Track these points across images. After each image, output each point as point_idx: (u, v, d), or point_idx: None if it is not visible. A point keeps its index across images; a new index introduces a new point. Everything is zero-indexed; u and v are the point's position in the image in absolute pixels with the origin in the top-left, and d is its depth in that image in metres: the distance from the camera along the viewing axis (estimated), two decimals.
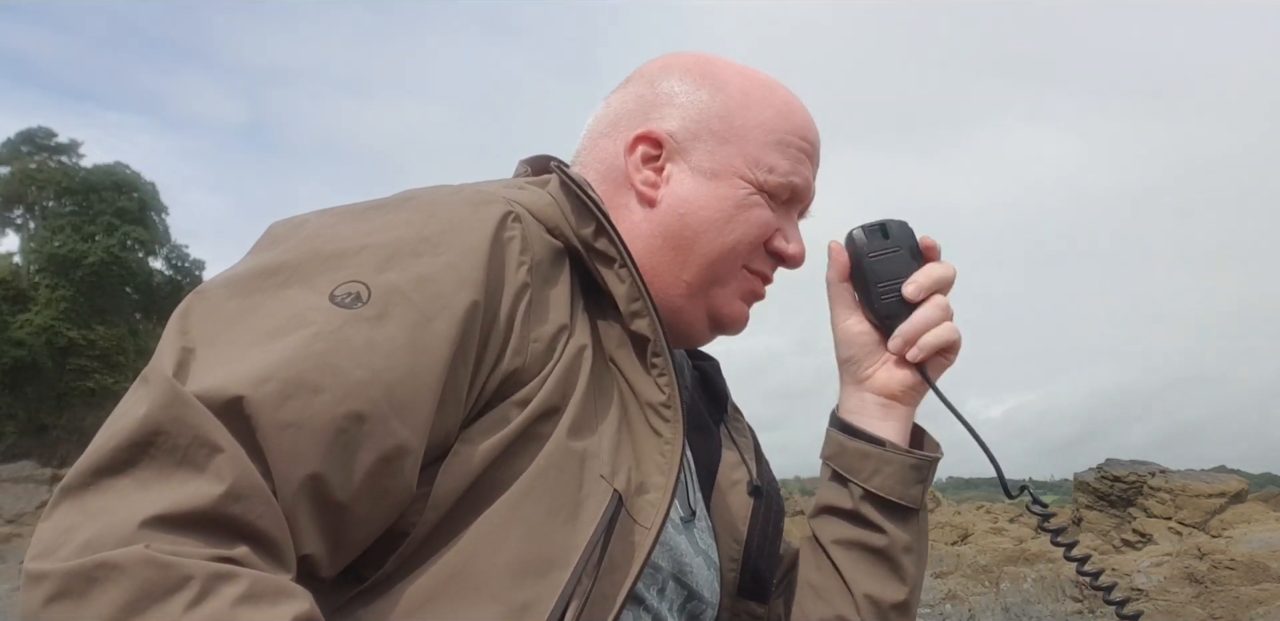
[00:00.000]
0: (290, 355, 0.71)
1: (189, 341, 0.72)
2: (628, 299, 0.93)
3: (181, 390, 0.67)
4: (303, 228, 0.84)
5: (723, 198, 1.03)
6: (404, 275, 0.79)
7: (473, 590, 0.75)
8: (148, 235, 41.51)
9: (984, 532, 16.11)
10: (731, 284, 1.05)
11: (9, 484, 17.69)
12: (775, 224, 1.05)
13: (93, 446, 0.67)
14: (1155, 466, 15.98)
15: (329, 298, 0.76)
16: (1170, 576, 11.70)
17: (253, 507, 0.66)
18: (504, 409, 0.82)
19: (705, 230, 1.02)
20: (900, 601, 1.07)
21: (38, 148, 42.28)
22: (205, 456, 0.66)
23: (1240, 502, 14.96)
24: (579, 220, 0.93)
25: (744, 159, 1.04)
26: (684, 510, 1.01)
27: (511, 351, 0.82)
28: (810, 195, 1.10)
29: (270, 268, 0.79)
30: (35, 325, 35.87)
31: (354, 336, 0.74)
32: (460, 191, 0.90)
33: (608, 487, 0.83)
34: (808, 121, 1.09)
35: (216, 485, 0.65)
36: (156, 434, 0.66)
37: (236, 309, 0.75)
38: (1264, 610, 10.63)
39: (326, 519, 0.72)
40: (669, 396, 0.93)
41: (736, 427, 1.21)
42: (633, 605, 0.89)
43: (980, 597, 12.50)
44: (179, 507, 0.64)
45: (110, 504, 0.64)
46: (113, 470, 0.66)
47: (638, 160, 1.05)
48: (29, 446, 32.71)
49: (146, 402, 0.67)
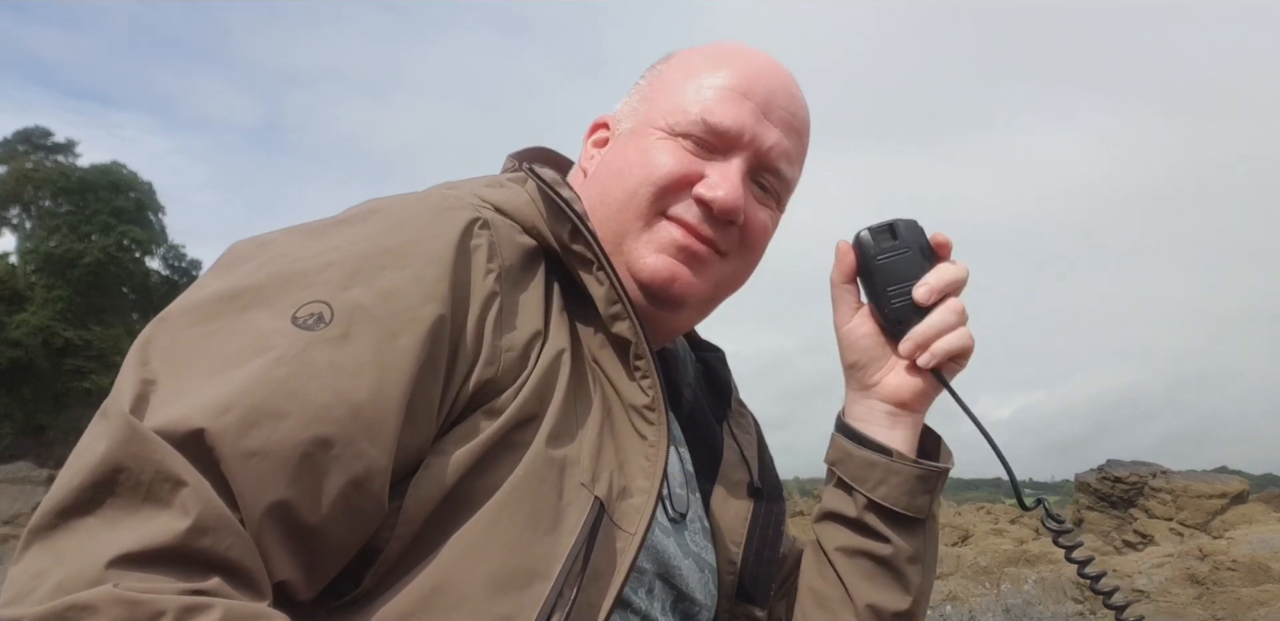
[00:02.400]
0: (252, 382, 0.70)
1: (149, 372, 0.71)
2: (606, 301, 0.91)
3: (139, 426, 0.66)
4: (266, 247, 0.83)
5: (632, 149, 1.01)
6: (367, 291, 0.77)
7: (452, 605, 0.74)
8: (145, 235, 41.52)
9: (984, 534, 16.09)
10: (644, 235, 0.98)
11: (5, 485, 17.67)
12: (690, 167, 0.98)
13: (56, 486, 0.67)
14: (1156, 467, 15.98)
15: (291, 320, 0.74)
16: (1171, 577, 11.67)
17: (221, 539, 0.66)
18: (475, 419, 0.80)
19: (611, 181, 1.01)
20: (903, 611, 1.04)
21: (34, 147, 42.30)
22: (169, 491, 0.65)
23: (1241, 503, 14.96)
24: (555, 221, 0.91)
25: (661, 111, 1.01)
26: (673, 512, 0.99)
27: (483, 362, 0.81)
28: (752, 140, 0.99)
29: (232, 291, 0.77)
30: (31, 325, 35.86)
31: (317, 358, 0.73)
32: (426, 198, 0.87)
33: (588, 496, 0.82)
34: (746, 65, 1.02)
35: (182, 519, 0.64)
36: (118, 471, 0.65)
37: (199, 335, 0.74)
38: (1265, 611, 10.60)
39: (298, 544, 0.71)
40: (653, 399, 0.91)
41: (740, 423, 1.17)
42: (620, 608, 0.87)
43: (981, 599, 12.46)
44: (146, 544, 0.63)
45: (78, 545, 0.63)
46: (77, 510, 0.65)
47: (590, 146, 1.09)
48: (25, 447, 32.71)
49: (105, 439, 0.66)
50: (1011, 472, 1.05)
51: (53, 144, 42.67)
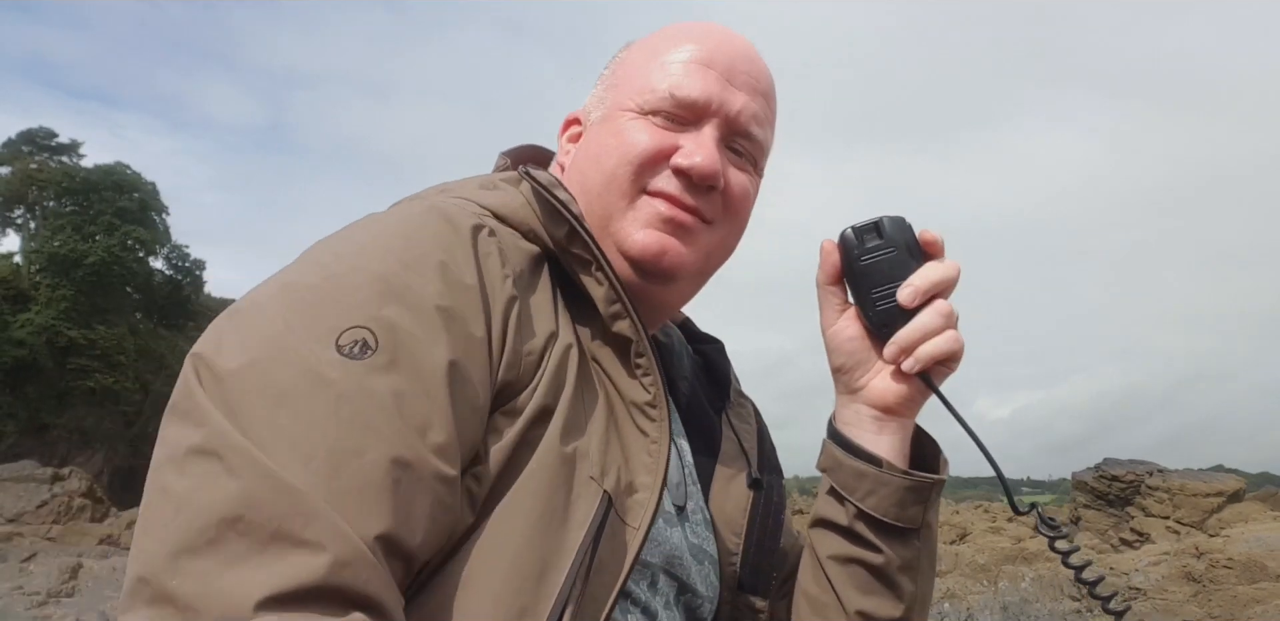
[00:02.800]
0: (322, 425, 0.70)
1: (222, 429, 0.70)
2: (606, 301, 0.92)
3: (266, 463, 0.67)
4: (286, 286, 0.80)
5: (606, 133, 1.02)
6: (401, 310, 0.77)
7: (478, 598, 0.76)
8: (148, 235, 41.44)
9: (982, 532, 16.11)
10: (629, 213, 0.99)
11: (10, 483, 17.69)
12: (665, 141, 0.99)
13: (169, 528, 0.65)
14: (1153, 466, 15.98)
15: (336, 349, 0.74)
16: (1168, 575, 11.71)
17: (360, 573, 0.66)
18: (496, 420, 0.81)
19: (589, 167, 1.02)
20: (895, 618, 1.03)
21: (38, 148, 42.25)
22: (300, 527, 0.65)
23: (1238, 502, 14.97)
24: (552, 223, 0.93)
25: (627, 94, 1.03)
26: (670, 505, 1.00)
27: (506, 366, 0.82)
28: (721, 105, 1.00)
29: (272, 333, 0.75)
30: (36, 325, 35.83)
31: (377, 388, 0.73)
32: (428, 211, 0.87)
33: (598, 489, 0.83)
34: (705, 37, 1.04)
35: (321, 555, 0.65)
36: (248, 508, 0.65)
37: (255, 382, 0.73)
38: (1261, 609, 10.64)
39: (404, 570, 0.72)
40: (654, 396, 0.92)
41: (739, 414, 1.17)
42: (622, 600, 0.89)
43: (978, 596, 12.51)
44: (290, 584, 0.63)
45: (219, 588, 0.63)
46: (199, 551, 0.64)
47: (565, 142, 1.10)
48: (29, 446, 32.68)
49: (228, 477, 0.66)
50: (1003, 478, 1.03)
51: (57, 144, 42.63)
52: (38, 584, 11.91)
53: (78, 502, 17.52)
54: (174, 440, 0.71)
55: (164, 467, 0.70)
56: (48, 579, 12.11)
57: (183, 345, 42.75)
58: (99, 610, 10.71)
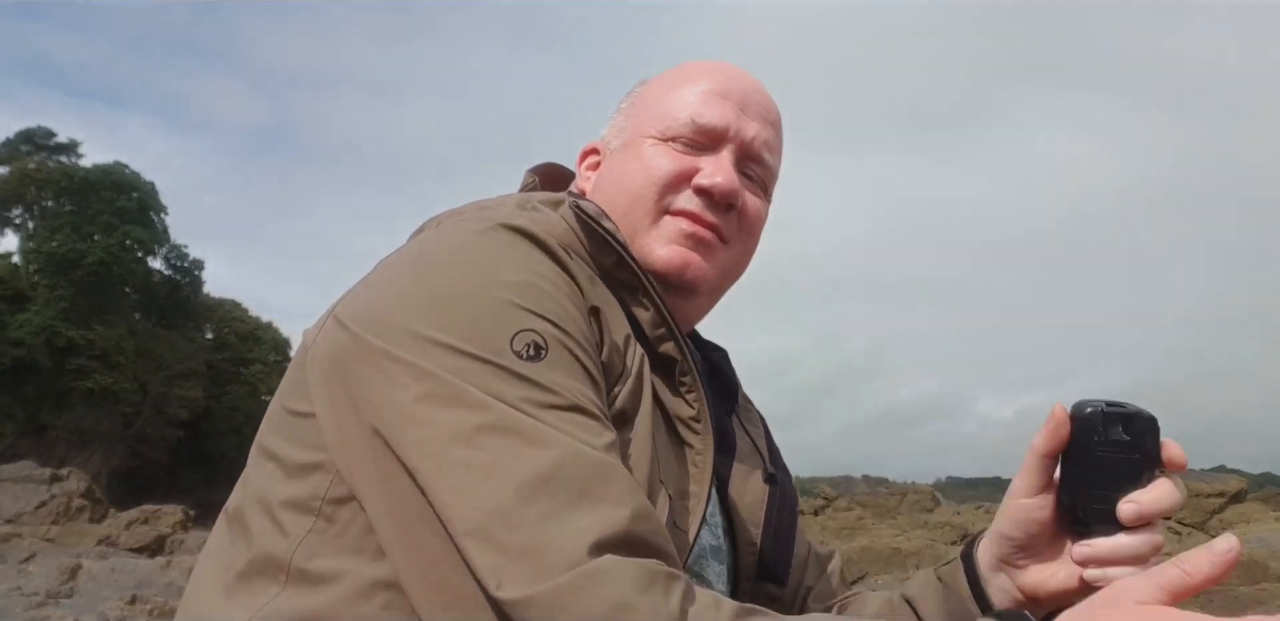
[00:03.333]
0: (553, 418, 0.80)
1: (507, 411, 0.79)
2: (652, 325, 0.99)
3: (560, 434, 0.77)
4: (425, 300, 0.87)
5: (629, 159, 1.09)
6: (548, 313, 0.86)
7: None
8: (147, 235, 41.50)
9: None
10: (653, 231, 1.06)
11: (8, 484, 17.69)
12: (685, 163, 1.06)
13: (481, 492, 0.75)
14: None
15: (515, 354, 0.82)
16: None
17: (651, 525, 0.76)
18: None
19: (615, 190, 1.08)
20: None
21: (37, 147, 42.30)
22: (602, 486, 0.75)
23: (1240, 502, 15.00)
24: (599, 251, 0.99)
25: (648, 122, 1.10)
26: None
27: (606, 366, 0.91)
28: (735, 133, 1.08)
29: (442, 341, 0.82)
30: (34, 325, 35.88)
31: (567, 380, 0.83)
32: (514, 230, 0.92)
33: (666, 495, 0.90)
34: (719, 72, 1.12)
35: (623, 508, 0.75)
36: (559, 467, 0.75)
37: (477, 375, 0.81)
38: (1263, 610, 10.58)
39: None
40: (698, 411, 0.99)
41: (748, 418, 1.22)
42: None
43: None
44: (607, 531, 0.73)
45: (544, 538, 0.72)
46: (519, 510, 0.73)
47: (584, 170, 1.17)
48: (28, 446, 32.71)
49: (542, 447, 0.76)
50: None
51: (55, 144, 42.67)
52: (36, 584, 11.88)
53: (76, 503, 17.52)
54: (452, 422, 0.78)
55: (452, 445, 0.77)
56: (46, 579, 12.08)
57: (181, 345, 42.93)
58: (98, 611, 10.68)
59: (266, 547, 0.84)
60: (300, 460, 0.86)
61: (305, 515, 0.84)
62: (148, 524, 16.67)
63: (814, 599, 1.18)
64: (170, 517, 16.74)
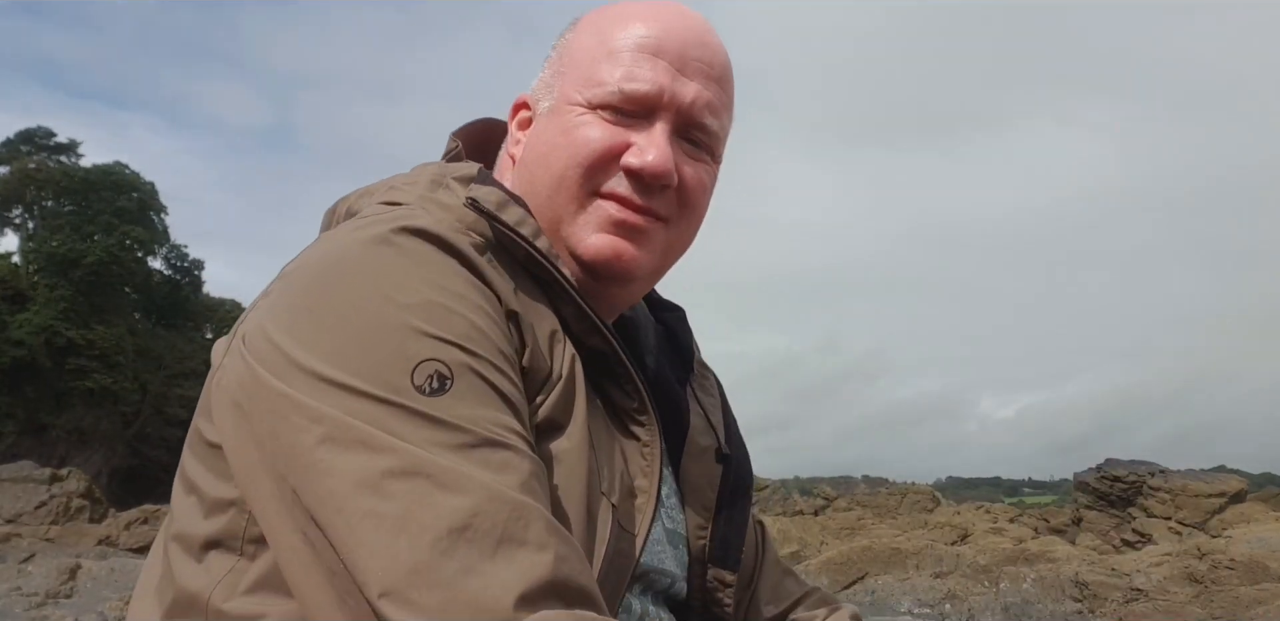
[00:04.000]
0: (462, 456, 0.73)
1: (414, 452, 0.73)
2: (575, 319, 0.91)
3: (475, 475, 0.71)
4: (294, 330, 0.80)
5: (554, 129, 0.98)
6: (453, 337, 0.78)
7: None
8: (147, 235, 41.51)
9: (983, 533, 16.13)
10: (579, 217, 0.96)
11: (8, 484, 17.69)
12: (614, 139, 0.95)
13: (396, 547, 0.68)
14: (1155, 466, 15.99)
15: (416, 390, 0.75)
16: (1170, 576, 11.71)
17: (574, 565, 0.71)
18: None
19: (538, 167, 0.98)
20: None
21: (37, 147, 42.30)
22: (522, 529, 0.70)
23: (1240, 502, 14.97)
24: (509, 245, 0.90)
25: (575, 84, 0.98)
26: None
27: (527, 380, 0.84)
28: (672, 98, 0.96)
29: (346, 384, 0.76)
30: (34, 325, 35.86)
31: (475, 411, 0.76)
32: (419, 234, 0.84)
33: (608, 504, 0.84)
34: (654, 21, 0.99)
35: (546, 552, 0.70)
36: (474, 516, 0.69)
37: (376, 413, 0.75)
38: (1263, 610, 10.63)
39: None
40: (639, 402, 0.93)
41: (703, 386, 1.14)
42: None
43: (980, 597, 12.50)
44: (530, 582, 0.68)
45: (465, 596, 0.66)
46: (437, 564, 0.67)
47: (515, 127, 1.06)
48: (28, 446, 32.71)
49: (458, 492, 0.70)
50: None
51: (55, 144, 42.68)
52: (36, 584, 11.88)
53: (76, 503, 17.51)
54: (357, 468, 0.71)
55: (358, 495, 0.70)
56: (46, 579, 12.08)
57: (181, 345, 42.92)
58: (97, 611, 10.68)
59: (187, 586, 0.80)
60: (216, 495, 0.81)
61: (226, 553, 0.80)
62: (147, 524, 16.66)
63: (762, 579, 1.16)
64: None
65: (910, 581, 13.39)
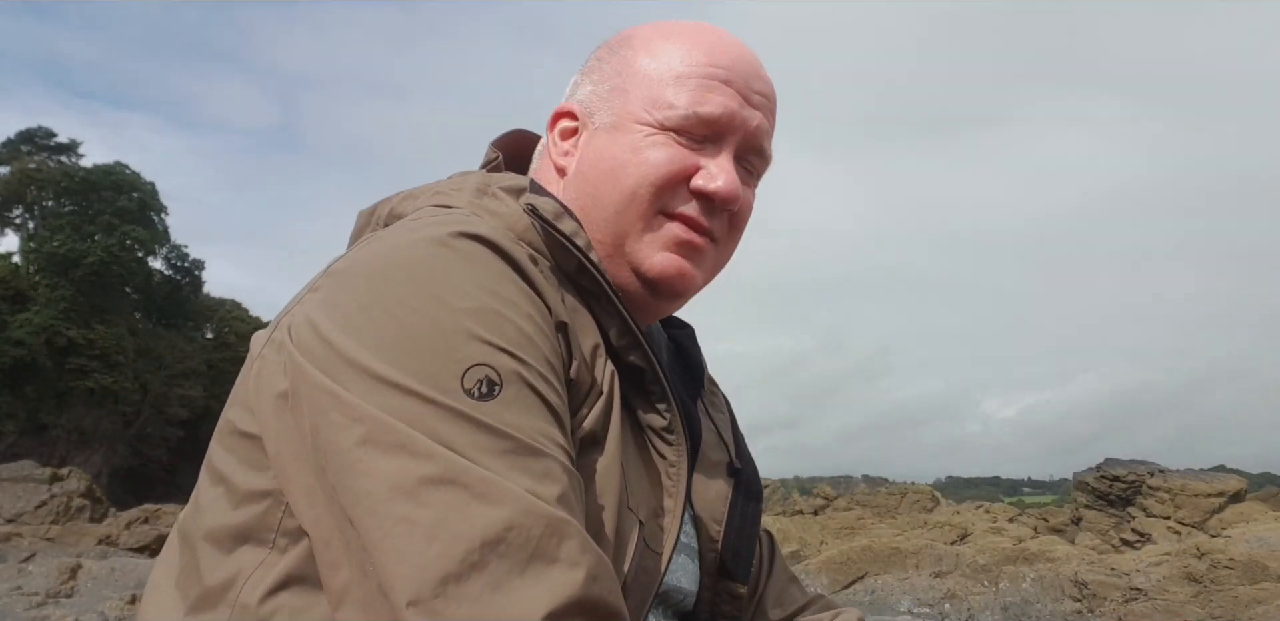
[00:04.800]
0: (503, 465, 0.73)
1: (454, 459, 0.73)
2: (618, 334, 0.92)
3: (513, 488, 0.71)
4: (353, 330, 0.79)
5: (620, 146, 0.99)
6: (504, 343, 0.79)
7: None
8: (147, 235, 41.49)
9: (983, 532, 16.14)
10: (646, 235, 0.98)
11: (9, 483, 17.69)
12: (686, 161, 0.98)
13: (427, 556, 0.68)
14: (1154, 466, 15.99)
15: (465, 393, 0.75)
16: (1169, 575, 11.71)
17: (605, 584, 0.71)
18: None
19: (603, 182, 0.99)
20: None
21: (37, 147, 42.29)
22: (555, 545, 0.70)
23: (1239, 502, 14.97)
24: (560, 256, 0.92)
25: (641, 103, 1.00)
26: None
27: (571, 392, 0.85)
28: (739, 125, 1.00)
29: (394, 382, 0.76)
30: (35, 324, 35.86)
31: (521, 419, 0.76)
32: (473, 239, 0.84)
33: (634, 520, 0.85)
34: (719, 49, 1.02)
35: (577, 570, 0.69)
36: (508, 530, 0.69)
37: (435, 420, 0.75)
38: (1263, 609, 10.64)
39: None
40: (670, 421, 0.94)
41: (713, 402, 1.17)
42: None
43: (979, 597, 12.51)
44: (560, 600, 0.67)
45: (494, 611, 0.66)
46: (467, 577, 0.67)
47: (556, 136, 1.06)
48: (29, 446, 32.71)
49: (494, 505, 0.70)
50: None
51: (55, 144, 42.68)
52: (36, 584, 11.89)
53: (76, 503, 17.52)
54: (395, 471, 0.71)
55: (394, 499, 0.70)
56: (46, 579, 12.09)
57: (181, 345, 42.94)
58: (98, 610, 10.68)
59: (214, 579, 0.79)
60: (249, 486, 0.80)
61: (257, 547, 0.79)
62: (148, 523, 16.68)
63: (768, 588, 1.16)
64: (170, 517, 16.73)
65: (910, 581, 13.41)
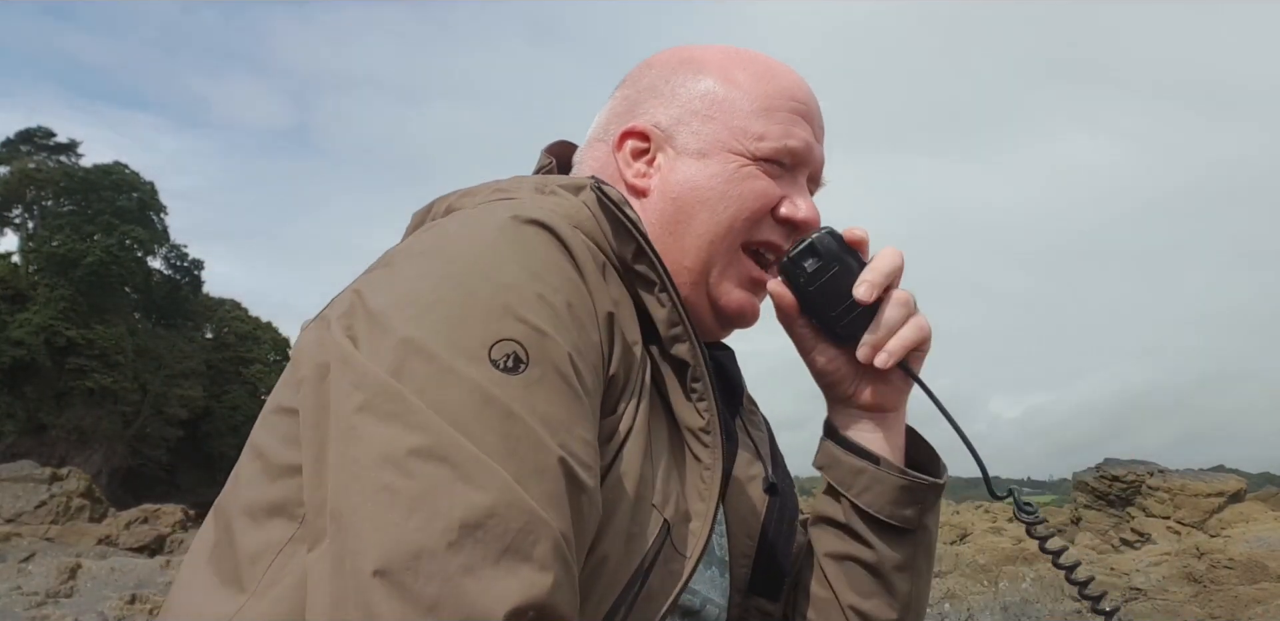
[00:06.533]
0: (505, 448, 0.72)
1: (450, 435, 0.71)
2: (668, 323, 0.92)
3: (504, 475, 0.69)
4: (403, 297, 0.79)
5: (714, 175, 1.02)
6: (539, 320, 0.78)
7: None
8: (147, 235, 41.48)
9: (983, 532, 16.13)
10: (730, 269, 1.02)
11: (8, 483, 17.68)
12: (777, 193, 1.03)
13: (404, 527, 0.66)
14: (1154, 466, 15.99)
15: (490, 364, 0.74)
16: (1169, 576, 11.71)
17: (567, 596, 0.69)
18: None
19: (700, 210, 1.01)
20: (890, 619, 1.05)
21: (37, 147, 42.28)
22: (531, 544, 0.68)
23: (1239, 502, 14.97)
24: (619, 241, 0.93)
25: (730, 132, 1.03)
26: None
27: (609, 380, 0.84)
28: (815, 157, 1.07)
29: (414, 342, 0.75)
30: (34, 324, 35.86)
31: (539, 405, 0.75)
32: (529, 221, 0.85)
33: (659, 517, 0.84)
34: (794, 83, 1.07)
35: (547, 575, 0.68)
36: (489, 517, 0.67)
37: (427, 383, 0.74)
38: (1262, 609, 10.64)
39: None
40: (708, 422, 0.92)
41: (752, 421, 1.17)
42: None
43: (979, 597, 12.51)
44: (526, 600, 0.66)
45: (459, 594, 0.65)
46: (440, 555, 0.66)
47: (627, 155, 1.06)
48: (28, 445, 32.71)
49: (475, 488, 0.68)
50: (979, 457, 1.03)
51: (55, 144, 42.67)
52: (36, 584, 11.88)
53: (76, 503, 17.50)
54: (386, 439, 0.71)
55: (381, 467, 0.69)
56: (46, 579, 12.08)
57: (181, 345, 42.93)
58: (97, 610, 10.68)
59: (247, 552, 0.79)
60: (284, 460, 0.81)
61: (288, 521, 0.79)
62: (147, 523, 16.66)
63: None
64: (170, 517, 16.73)
65: None
